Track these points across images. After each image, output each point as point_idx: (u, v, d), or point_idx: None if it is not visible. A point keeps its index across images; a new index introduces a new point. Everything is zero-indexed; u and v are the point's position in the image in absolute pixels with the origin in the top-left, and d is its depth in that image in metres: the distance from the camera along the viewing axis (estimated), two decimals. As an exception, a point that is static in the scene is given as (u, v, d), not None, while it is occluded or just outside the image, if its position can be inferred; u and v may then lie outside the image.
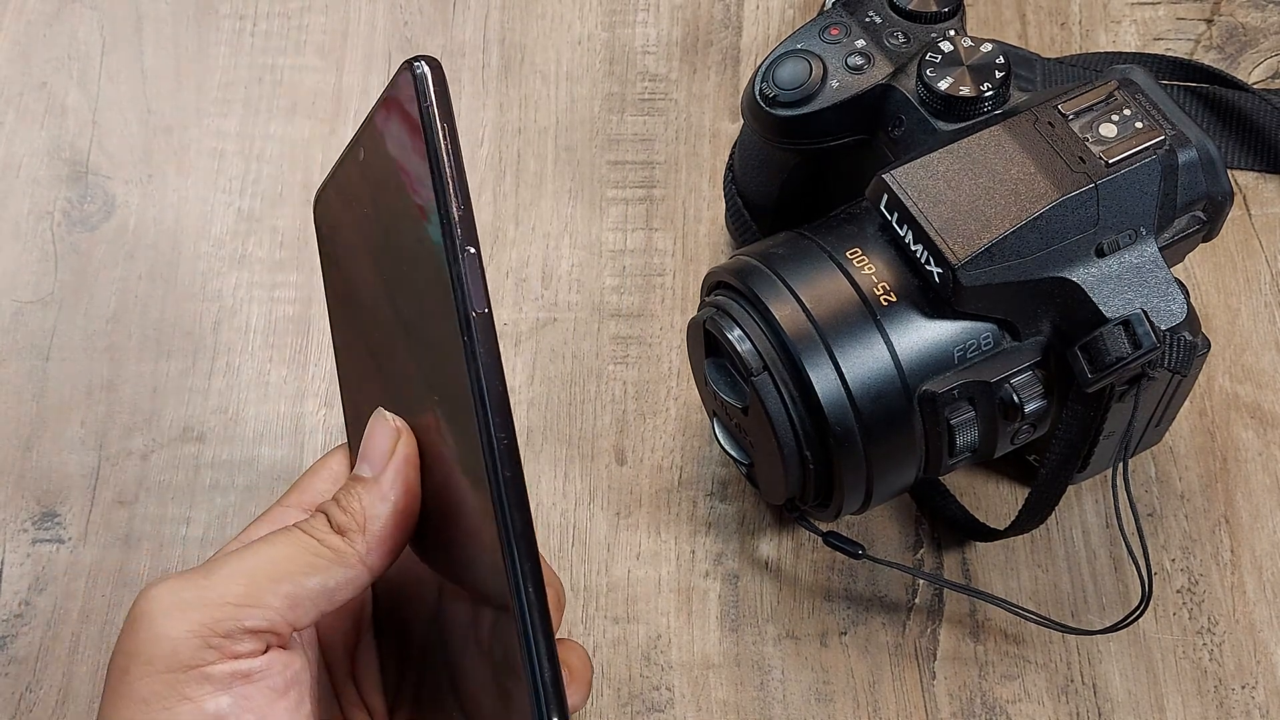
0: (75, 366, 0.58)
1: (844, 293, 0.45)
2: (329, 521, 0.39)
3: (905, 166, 0.45)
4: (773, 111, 0.49)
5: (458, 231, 0.37)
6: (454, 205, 0.37)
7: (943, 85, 0.47)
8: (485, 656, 0.37)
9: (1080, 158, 0.44)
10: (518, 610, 0.34)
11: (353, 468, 0.41)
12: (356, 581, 0.38)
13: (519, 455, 0.36)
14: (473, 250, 0.37)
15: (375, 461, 0.39)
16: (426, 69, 0.38)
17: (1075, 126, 0.44)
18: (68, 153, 0.63)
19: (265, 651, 0.37)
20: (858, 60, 0.49)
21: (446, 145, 0.37)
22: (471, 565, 0.38)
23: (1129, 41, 0.64)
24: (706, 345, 0.48)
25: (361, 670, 0.43)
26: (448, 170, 0.37)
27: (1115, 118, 0.44)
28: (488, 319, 0.36)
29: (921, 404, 0.45)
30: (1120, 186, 0.44)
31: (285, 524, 0.40)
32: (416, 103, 0.38)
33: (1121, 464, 0.46)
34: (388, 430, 0.39)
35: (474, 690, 0.38)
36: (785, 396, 0.45)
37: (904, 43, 0.49)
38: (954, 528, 0.53)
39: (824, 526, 0.50)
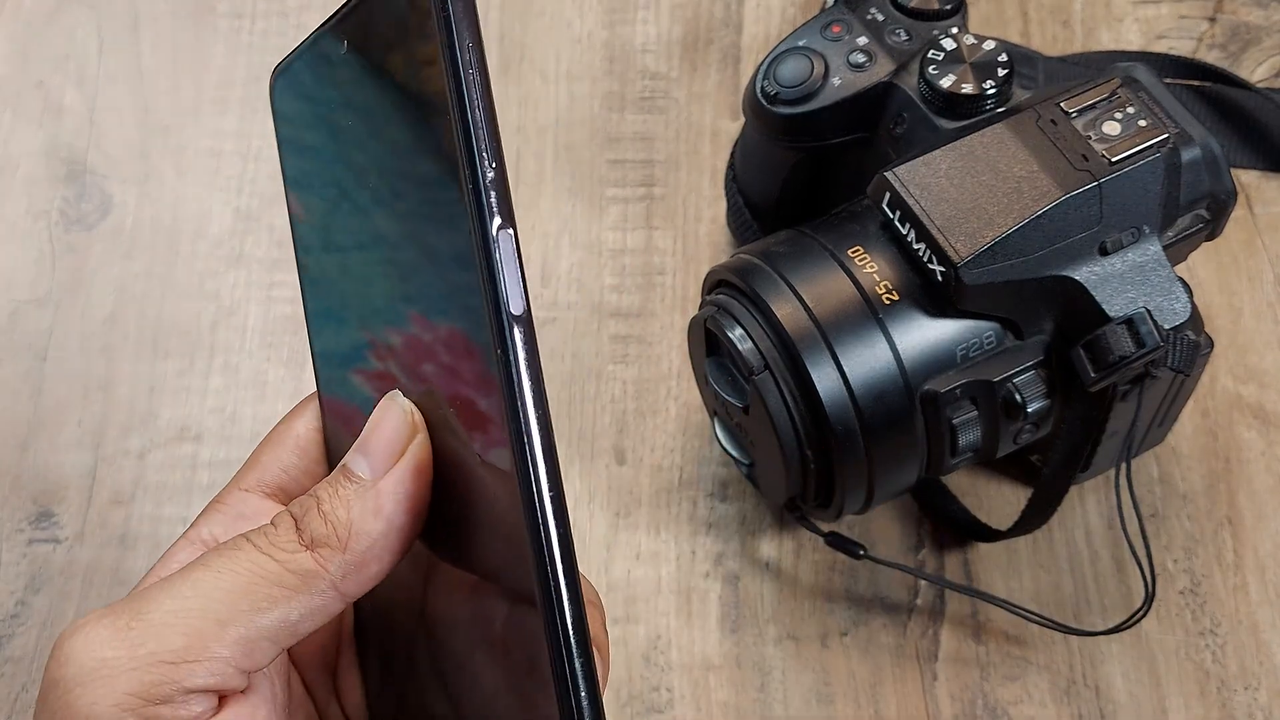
0: (72, 366, 0.58)
1: (846, 291, 0.45)
2: (297, 530, 0.31)
3: (907, 164, 0.44)
4: (774, 109, 0.49)
5: (491, 204, 0.29)
6: (484, 166, 0.29)
7: (945, 83, 0.46)
8: (497, 658, 0.32)
9: (1083, 155, 0.43)
10: (556, 626, 0.29)
11: (330, 445, 0.34)
12: (326, 610, 0.31)
13: (560, 472, 0.29)
14: (510, 232, 0.29)
15: (378, 459, 0.31)
16: None
17: (1078, 124, 0.44)
18: (65, 152, 0.63)
19: (219, 709, 0.30)
20: (860, 58, 0.49)
21: (475, 75, 0.29)
22: (486, 558, 0.31)
23: (1131, 40, 0.64)
24: (707, 344, 0.48)
25: (344, 685, 0.36)
26: (477, 114, 0.28)
27: (1118, 116, 0.44)
28: (527, 320, 0.29)
29: (923, 403, 0.44)
30: (1123, 185, 0.43)
31: (242, 516, 0.34)
32: (434, 11, 0.29)
33: (1124, 464, 0.46)
34: (400, 421, 0.31)
35: (474, 693, 0.33)
36: (786, 396, 0.45)
37: (906, 40, 0.49)
38: (956, 528, 0.52)
39: (825, 527, 0.50)
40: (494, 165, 0.29)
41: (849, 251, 0.45)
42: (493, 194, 0.29)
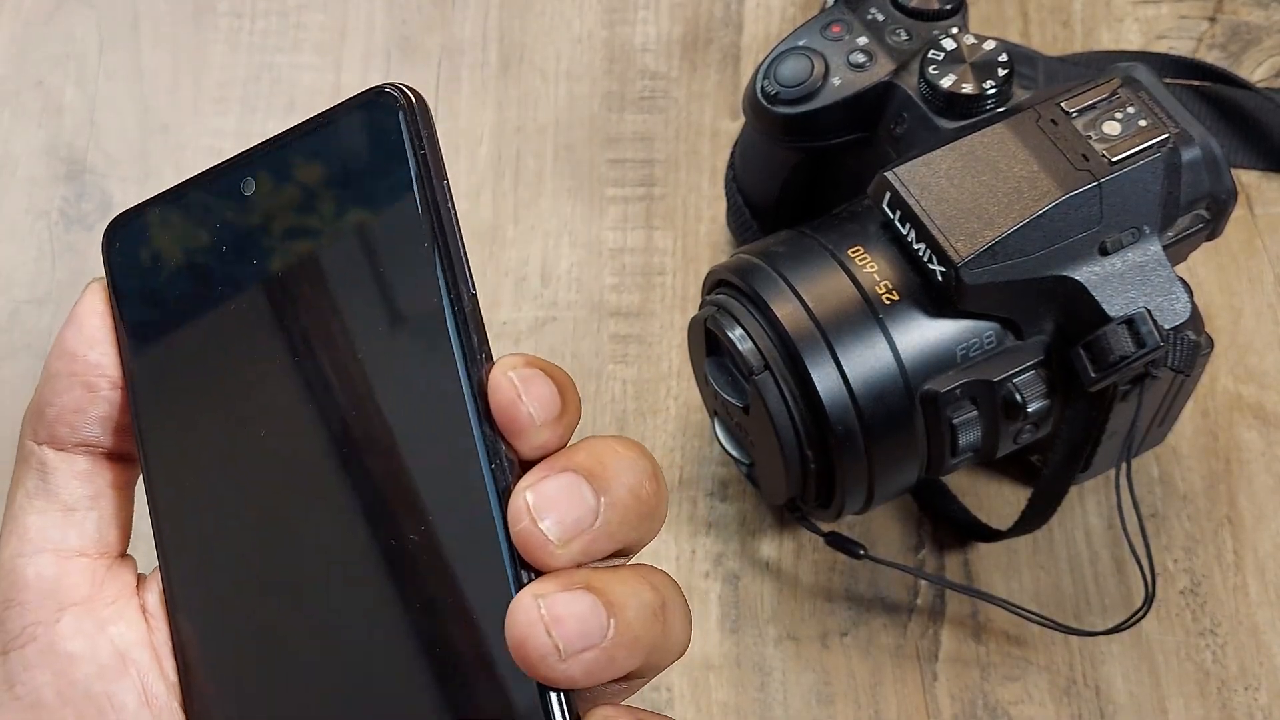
0: (72, 365, 0.57)
1: (846, 291, 0.45)
2: None
3: (907, 164, 0.44)
4: (774, 109, 0.49)
5: (471, 339, 0.29)
6: (464, 293, 0.30)
7: (945, 83, 0.46)
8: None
9: (1083, 155, 0.43)
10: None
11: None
12: None
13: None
14: (488, 359, 0.29)
15: None
16: (411, 99, 0.31)
17: (1078, 124, 0.44)
18: (65, 151, 0.63)
19: None
20: (860, 58, 0.49)
21: (450, 209, 0.30)
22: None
23: (1131, 40, 0.64)
24: (707, 344, 0.48)
25: None
26: (456, 249, 0.30)
27: (1118, 115, 0.44)
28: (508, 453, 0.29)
29: (924, 403, 0.44)
30: (1123, 184, 0.43)
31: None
32: (406, 144, 0.30)
33: (1124, 464, 0.46)
34: None
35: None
36: (786, 395, 0.45)
37: (906, 40, 0.49)
38: (956, 528, 0.52)
39: (825, 527, 0.50)
40: (472, 293, 0.30)
41: (849, 251, 0.45)
42: (474, 321, 0.29)
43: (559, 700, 0.28)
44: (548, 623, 0.27)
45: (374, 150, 0.31)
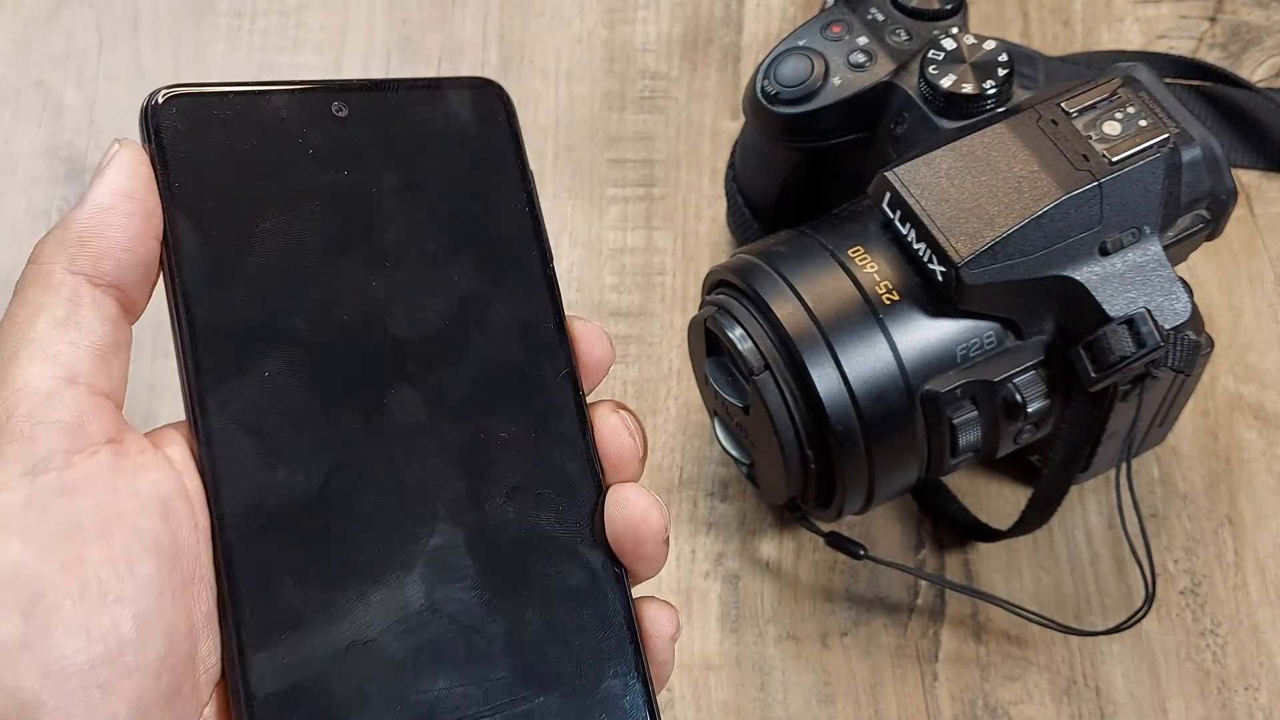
0: (72, 365, 0.57)
1: (846, 291, 0.45)
2: None
3: (908, 164, 0.44)
4: (774, 109, 0.49)
5: (558, 292, 0.34)
6: (550, 255, 0.35)
7: (945, 83, 0.46)
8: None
9: (1084, 155, 0.43)
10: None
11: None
12: None
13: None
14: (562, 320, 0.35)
15: None
16: (510, 100, 0.35)
17: (1079, 124, 0.44)
18: (65, 151, 0.63)
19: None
20: (860, 58, 0.49)
21: (536, 194, 0.35)
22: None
23: (1132, 39, 0.64)
24: (707, 344, 0.48)
25: None
26: (543, 225, 0.35)
27: (1119, 115, 0.44)
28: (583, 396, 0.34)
29: (924, 403, 0.44)
30: (1124, 185, 0.43)
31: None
32: (511, 130, 0.35)
33: (1125, 464, 0.46)
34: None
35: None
36: (787, 396, 0.45)
37: (906, 40, 0.49)
38: (956, 528, 0.52)
39: (825, 527, 0.50)
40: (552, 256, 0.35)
41: (849, 251, 0.45)
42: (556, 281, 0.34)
43: (626, 579, 0.33)
44: (662, 510, 0.33)
45: (479, 124, 0.34)
